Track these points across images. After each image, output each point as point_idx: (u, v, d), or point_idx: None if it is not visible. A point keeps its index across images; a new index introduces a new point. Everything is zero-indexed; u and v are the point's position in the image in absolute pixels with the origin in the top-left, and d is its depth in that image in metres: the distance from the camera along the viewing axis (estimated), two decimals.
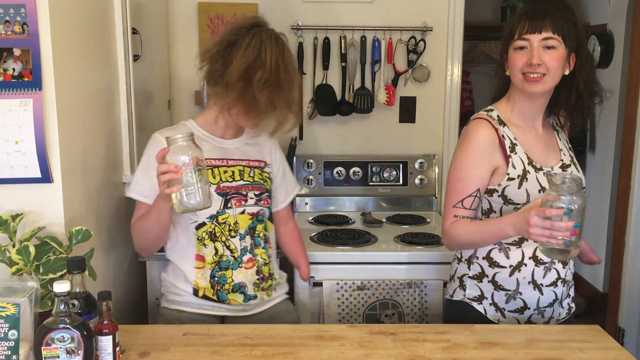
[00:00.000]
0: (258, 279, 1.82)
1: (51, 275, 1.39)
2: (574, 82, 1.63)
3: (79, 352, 1.22)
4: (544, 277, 1.65)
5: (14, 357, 1.26)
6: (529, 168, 1.62)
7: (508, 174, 1.61)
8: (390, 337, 1.54)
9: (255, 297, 1.81)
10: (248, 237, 1.80)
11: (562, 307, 1.72)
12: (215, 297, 1.77)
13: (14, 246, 1.43)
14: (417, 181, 2.88)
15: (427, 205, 2.91)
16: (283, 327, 1.63)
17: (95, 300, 1.33)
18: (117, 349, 1.31)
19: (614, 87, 3.74)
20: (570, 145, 1.77)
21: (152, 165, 1.58)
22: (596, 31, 3.88)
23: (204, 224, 1.75)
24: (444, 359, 1.44)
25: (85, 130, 1.75)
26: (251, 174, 1.83)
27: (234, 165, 1.80)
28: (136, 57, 2.15)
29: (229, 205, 1.76)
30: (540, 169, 1.64)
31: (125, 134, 2.09)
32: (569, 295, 1.74)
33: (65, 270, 1.38)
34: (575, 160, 1.73)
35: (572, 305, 1.77)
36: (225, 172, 1.78)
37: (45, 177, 1.51)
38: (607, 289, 3.58)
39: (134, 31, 2.11)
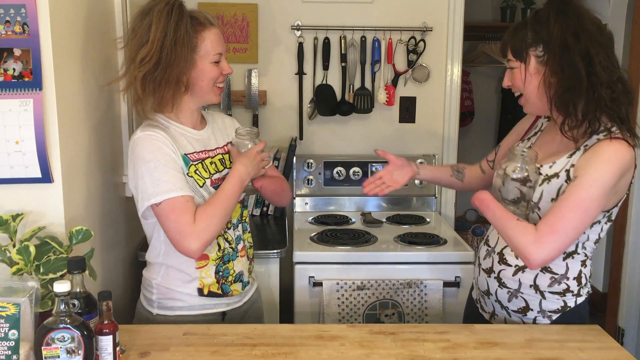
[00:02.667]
0: (249, 265, 1.85)
1: (51, 275, 1.39)
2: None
3: (79, 352, 1.22)
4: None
5: (15, 357, 1.26)
6: None
7: None
8: (390, 337, 1.54)
9: (248, 282, 1.83)
10: (240, 226, 1.81)
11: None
12: (220, 292, 1.74)
13: (14, 246, 1.44)
14: (417, 181, 2.88)
15: (427, 205, 2.91)
16: (283, 326, 1.63)
17: (96, 300, 1.33)
18: (118, 348, 1.31)
19: None
20: (569, 170, 1.54)
21: (170, 159, 1.59)
22: None
23: None
24: (444, 359, 1.44)
25: (85, 130, 1.75)
26: (231, 160, 1.79)
27: (214, 156, 1.75)
28: None
29: None
30: None
31: (126, 134, 2.09)
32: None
33: (65, 270, 1.39)
34: (555, 181, 1.55)
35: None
36: (211, 163, 1.73)
37: (46, 177, 1.51)
38: (607, 289, 3.58)
39: None
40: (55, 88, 1.50)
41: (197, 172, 1.67)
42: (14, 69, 1.46)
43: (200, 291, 1.72)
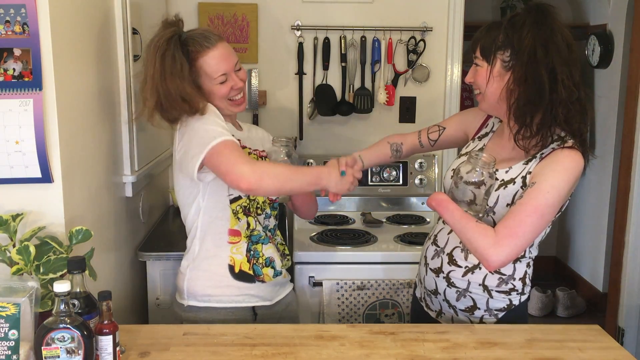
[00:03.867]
0: (281, 256, 1.87)
1: (51, 275, 1.39)
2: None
3: (79, 352, 1.23)
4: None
5: (14, 356, 1.26)
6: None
7: (460, 150, 1.81)
8: (390, 337, 1.54)
9: (280, 273, 1.84)
10: (272, 219, 1.86)
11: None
12: (251, 272, 1.77)
13: (14, 246, 1.44)
14: (417, 181, 2.88)
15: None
16: (283, 327, 1.63)
17: (96, 300, 1.33)
18: (117, 348, 1.31)
19: (614, 87, 3.75)
20: (526, 176, 1.57)
21: (223, 124, 1.68)
22: (596, 31, 3.88)
23: (239, 197, 1.76)
24: (444, 359, 1.44)
25: (85, 130, 1.75)
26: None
27: (250, 153, 1.82)
28: (136, 57, 2.15)
29: None
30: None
31: (125, 134, 2.08)
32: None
33: (65, 270, 1.39)
34: (511, 187, 1.58)
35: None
36: (249, 154, 1.81)
37: (46, 177, 1.51)
38: (607, 289, 3.59)
39: (134, 31, 2.11)
40: (55, 88, 1.50)
41: None
42: (14, 69, 1.46)
43: (232, 269, 1.76)
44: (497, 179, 1.59)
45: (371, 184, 2.88)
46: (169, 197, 2.90)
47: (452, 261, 1.68)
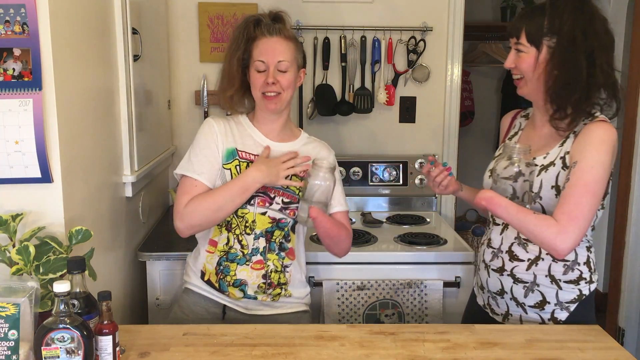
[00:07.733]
0: (264, 283, 1.77)
1: (51, 275, 1.39)
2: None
3: (79, 352, 1.22)
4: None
5: (14, 357, 1.26)
6: None
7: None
8: (390, 337, 1.54)
9: (255, 298, 1.78)
10: (263, 240, 1.77)
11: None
12: (217, 285, 1.78)
13: (14, 246, 1.43)
14: (417, 181, 2.88)
15: (427, 205, 2.90)
16: (283, 327, 1.63)
17: (95, 300, 1.33)
18: (117, 349, 1.31)
19: None
20: (564, 157, 1.60)
21: (206, 147, 1.76)
22: None
23: None
24: (444, 359, 1.44)
25: (85, 130, 1.75)
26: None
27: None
28: (136, 57, 2.15)
29: (252, 202, 1.74)
30: None
31: (125, 134, 2.08)
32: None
33: (65, 270, 1.38)
34: (552, 169, 1.60)
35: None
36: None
37: (45, 177, 1.51)
38: (607, 289, 3.58)
39: (134, 31, 2.11)
40: (55, 88, 1.50)
41: (238, 167, 1.76)
42: (13, 69, 1.45)
43: (203, 275, 1.81)
44: (536, 165, 1.61)
45: (371, 184, 2.88)
46: (169, 197, 2.90)
47: (513, 257, 1.68)
